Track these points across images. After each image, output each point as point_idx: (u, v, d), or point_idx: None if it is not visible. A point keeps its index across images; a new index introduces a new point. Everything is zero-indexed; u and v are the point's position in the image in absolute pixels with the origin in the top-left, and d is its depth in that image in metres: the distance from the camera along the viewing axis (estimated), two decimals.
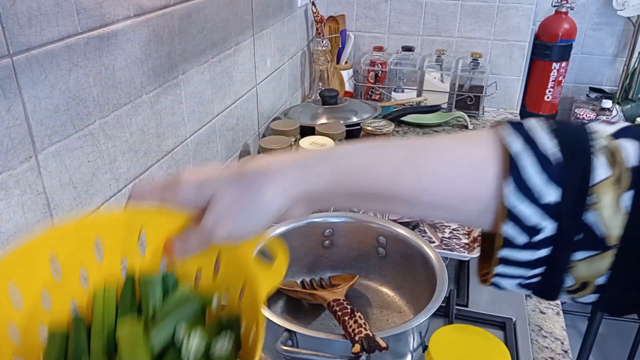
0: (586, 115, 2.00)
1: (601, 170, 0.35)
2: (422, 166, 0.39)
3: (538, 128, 0.37)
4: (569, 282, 0.37)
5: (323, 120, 1.26)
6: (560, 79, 1.98)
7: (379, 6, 1.68)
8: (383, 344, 0.56)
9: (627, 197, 0.34)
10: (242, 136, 1.13)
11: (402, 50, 1.67)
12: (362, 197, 0.41)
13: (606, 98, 2.04)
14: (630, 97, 2.13)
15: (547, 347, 0.76)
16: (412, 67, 1.64)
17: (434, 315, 0.62)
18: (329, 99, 1.32)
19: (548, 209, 0.36)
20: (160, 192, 0.42)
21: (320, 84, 1.52)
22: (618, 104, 2.13)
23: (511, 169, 0.36)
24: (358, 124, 1.20)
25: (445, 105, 1.61)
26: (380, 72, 1.66)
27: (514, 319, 0.78)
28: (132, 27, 0.71)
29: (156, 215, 0.42)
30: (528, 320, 0.80)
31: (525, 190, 0.36)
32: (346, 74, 1.65)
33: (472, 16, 1.62)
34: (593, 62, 2.23)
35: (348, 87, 1.67)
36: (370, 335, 0.57)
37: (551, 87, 1.99)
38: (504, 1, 1.58)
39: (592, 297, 0.37)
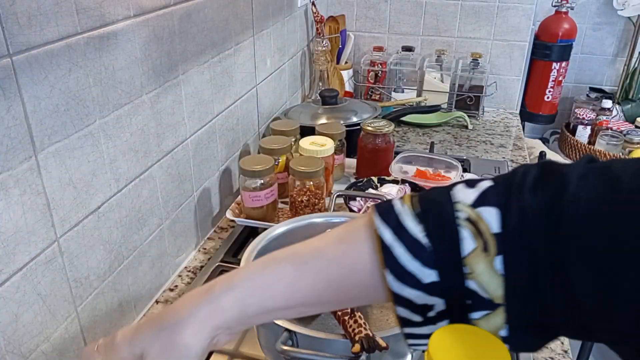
0: (586, 115, 2.00)
1: (468, 242, 0.37)
2: (313, 273, 0.43)
3: (405, 213, 0.40)
4: None
5: (323, 120, 1.26)
6: (560, 79, 1.98)
7: (379, 6, 1.68)
8: (383, 344, 0.56)
9: (498, 262, 0.36)
10: (242, 136, 1.13)
11: (402, 50, 1.67)
12: (271, 313, 0.44)
13: (606, 98, 2.04)
14: (630, 97, 2.13)
15: (547, 347, 0.76)
16: (412, 67, 1.64)
17: None
18: (329, 99, 1.32)
19: (431, 289, 0.38)
20: (103, 352, 0.46)
21: (320, 84, 1.52)
22: (618, 104, 2.13)
23: (388, 259, 0.39)
24: (358, 124, 1.20)
25: (445, 105, 1.61)
26: (380, 72, 1.66)
27: None
28: (132, 27, 0.71)
29: None
30: None
31: (405, 276, 0.39)
32: (346, 74, 1.65)
33: (472, 16, 1.62)
34: (593, 62, 2.23)
35: (348, 87, 1.67)
36: (370, 335, 0.57)
37: (551, 87, 1.99)
38: (504, 1, 1.58)
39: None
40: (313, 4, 1.47)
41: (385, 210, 0.41)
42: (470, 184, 0.40)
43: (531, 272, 0.36)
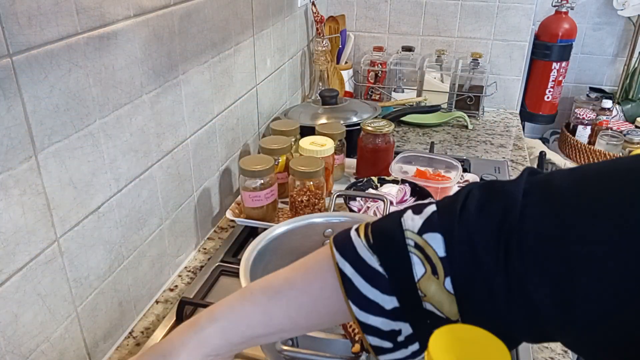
0: (586, 115, 2.00)
1: (418, 267, 0.40)
2: (285, 302, 0.46)
3: (360, 245, 0.43)
4: None
5: (323, 120, 1.25)
6: (560, 79, 1.98)
7: (379, 6, 1.68)
8: None
9: (448, 283, 0.39)
10: (242, 136, 1.13)
11: (402, 50, 1.67)
12: (254, 339, 0.47)
13: (606, 98, 2.04)
14: (630, 97, 2.13)
15: (547, 347, 0.76)
16: (412, 67, 1.64)
17: None
18: (329, 99, 1.32)
19: (394, 314, 0.41)
20: None
21: (320, 84, 1.52)
22: (618, 103, 2.13)
23: (349, 291, 0.42)
24: (358, 124, 1.20)
25: (445, 105, 1.61)
26: (380, 72, 1.66)
27: None
28: (132, 27, 0.71)
29: None
30: None
31: (368, 305, 0.42)
32: (346, 74, 1.65)
33: (472, 16, 1.62)
34: (593, 62, 2.23)
35: (348, 87, 1.67)
36: None
37: (551, 87, 1.99)
38: (504, 1, 1.58)
39: None
40: (313, 4, 1.47)
41: (343, 243, 0.44)
42: (417, 210, 0.43)
43: (485, 290, 0.38)
